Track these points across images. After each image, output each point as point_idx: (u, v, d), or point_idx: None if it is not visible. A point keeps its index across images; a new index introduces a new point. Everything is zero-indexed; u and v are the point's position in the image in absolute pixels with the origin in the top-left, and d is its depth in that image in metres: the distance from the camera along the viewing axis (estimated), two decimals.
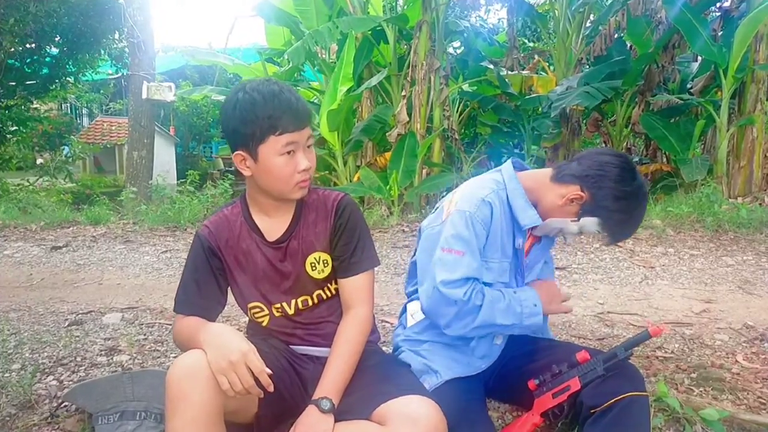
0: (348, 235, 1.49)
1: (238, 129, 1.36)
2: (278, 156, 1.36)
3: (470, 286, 1.50)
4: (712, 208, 4.49)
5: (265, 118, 1.33)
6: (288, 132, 1.34)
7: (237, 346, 1.23)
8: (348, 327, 1.48)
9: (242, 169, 1.42)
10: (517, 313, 1.54)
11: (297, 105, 1.37)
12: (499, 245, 1.59)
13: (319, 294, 1.53)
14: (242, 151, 1.38)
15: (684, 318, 2.76)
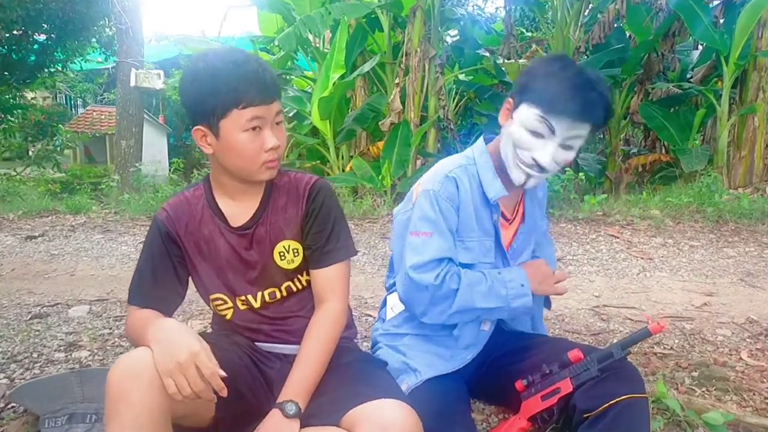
0: (321, 221, 1.37)
1: (197, 101, 1.23)
2: (242, 132, 1.23)
3: (442, 269, 1.39)
4: (713, 198, 4.35)
5: (227, 89, 1.20)
6: (253, 105, 1.21)
7: (186, 344, 1.10)
8: (319, 323, 1.35)
9: (203, 146, 1.29)
10: (501, 295, 1.42)
11: (264, 76, 1.24)
12: (476, 223, 1.46)
13: (288, 286, 1.41)
14: (202, 127, 1.26)
15: (684, 312, 2.62)
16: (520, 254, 1.57)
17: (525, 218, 1.56)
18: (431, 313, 1.43)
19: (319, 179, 1.42)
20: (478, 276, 1.43)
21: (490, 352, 1.57)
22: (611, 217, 4.22)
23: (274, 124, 1.27)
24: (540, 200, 1.64)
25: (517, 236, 1.56)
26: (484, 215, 1.48)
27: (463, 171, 1.47)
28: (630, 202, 4.54)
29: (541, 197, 1.65)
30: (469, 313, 1.44)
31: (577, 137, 1.35)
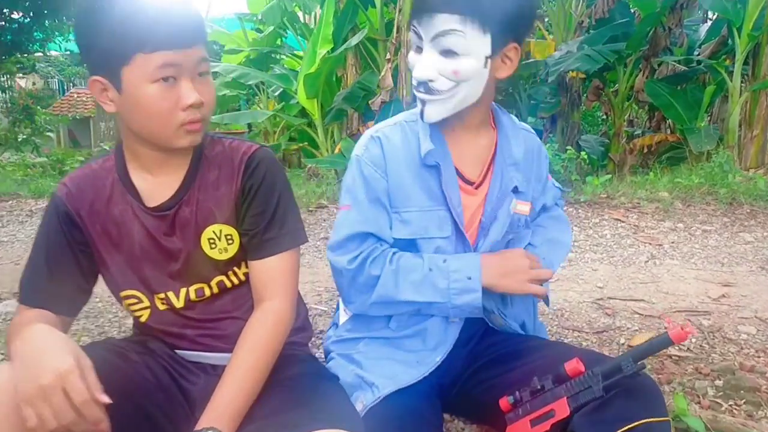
0: (261, 201, 1.12)
1: (92, 43, 0.98)
2: (149, 83, 0.98)
3: (362, 250, 1.18)
4: (726, 179, 4.02)
5: (128, 26, 0.94)
6: (164, 49, 0.96)
7: (53, 363, 0.85)
8: (255, 328, 1.10)
9: (103, 102, 1.03)
10: (440, 288, 1.16)
11: (180, 12, 0.98)
12: (419, 188, 1.20)
13: (220, 281, 1.16)
14: (100, 77, 0.99)
15: (700, 305, 2.30)
16: (491, 231, 1.24)
17: (492, 181, 1.24)
18: (356, 301, 1.22)
19: (261, 148, 1.15)
20: (415, 262, 1.18)
21: (473, 358, 1.27)
22: (616, 200, 3.90)
23: (195, 75, 1.01)
24: (524, 160, 1.27)
25: (486, 206, 1.24)
26: (428, 178, 1.20)
27: (398, 129, 1.23)
28: (636, 183, 4.21)
29: (522, 156, 1.26)
30: (395, 307, 1.20)
31: (447, 34, 1.08)
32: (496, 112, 1.28)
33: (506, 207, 1.23)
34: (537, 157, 1.33)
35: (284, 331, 1.12)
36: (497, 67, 1.14)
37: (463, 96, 1.13)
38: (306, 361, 1.24)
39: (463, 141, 1.23)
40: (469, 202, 1.23)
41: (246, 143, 1.16)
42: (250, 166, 1.11)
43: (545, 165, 1.37)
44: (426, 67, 1.11)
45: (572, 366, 1.07)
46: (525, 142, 1.29)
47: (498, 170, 1.24)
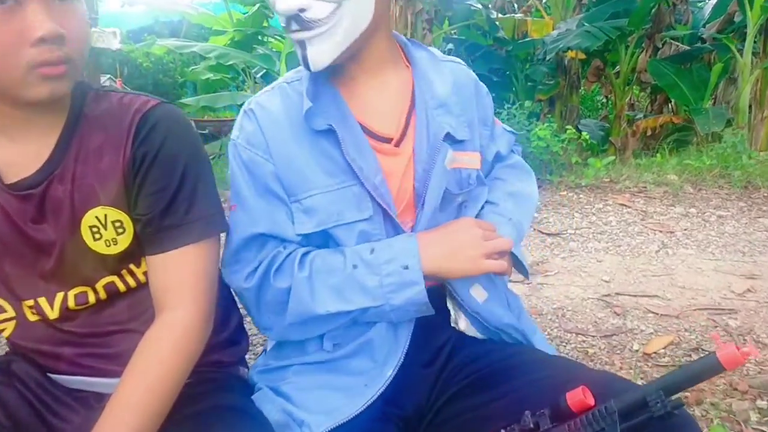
0: (159, 175, 0.85)
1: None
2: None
3: (258, 261, 0.90)
4: (740, 161, 3.69)
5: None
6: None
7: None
8: (151, 346, 0.84)
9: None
10: (370, 288, 0.86)
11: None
12: (311, 164, 0.89)
13: (109, 284, 0.90)
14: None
15: (723, 301, 1.99)
16: (427, 198, 0.92)
17: (417, 133, 0.93)
18: (272, 326, 0.92)
19: (161, 104, 0.87)
20: (333, 261, 0.88)
21: (444, 383, 0.96)
22: (620, 184, 3.57)
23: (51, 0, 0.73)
24: (455, 100, 0.97)
25: (416, 167, 0.92)
26: (327, 147, 0.90)
27: (276, 94, 0.95)
28: (641, 166, 3.89)
29: (451, 94, 0.97)
30: (322, 322, 0.89)
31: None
32: (407, 46, 0.99)
33: (441, 163, 0.92)
34: (475, 94, 1.03)
35: (193, 350, 0.85)
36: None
37: (351, 22, 0.83)
38: (225, 391, 0.96)
39: (366, 88, 0.93)
40: (392, 166, 0.92)
41: (142, 97, 0.87)
42: (144, 127, 0.84)
43: (488, 105, 1.07)
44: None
45: (577, 398, 0.76)
46: (453, 77, 0.99)
47: (421, 116, 0.93)
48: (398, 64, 0.97)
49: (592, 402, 0.75)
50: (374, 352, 0.91)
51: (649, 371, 1.50)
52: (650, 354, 1.60)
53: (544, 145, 3.59)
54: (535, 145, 3.61)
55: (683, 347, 1.63)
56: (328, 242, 0.91)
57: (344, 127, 0.88)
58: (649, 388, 0.72)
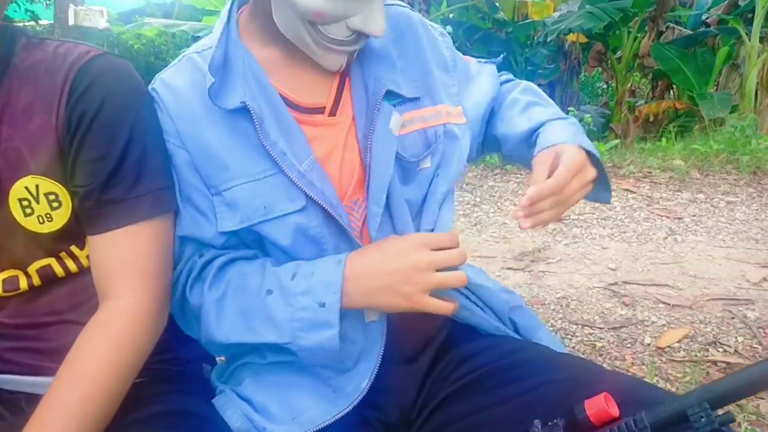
0: (100, 139, 0.73)
1: None
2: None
3: (178, 270, 0.79)
4: (748, 146, 3.56)
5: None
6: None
7: None
8: (93, 339, 0.73)
9: None
10: (278, 320, 0.71)
11: None
12: (230, 149, 0.75)
13: (44, 267, 0.79)
14: None
15: (738, 291, 1.86)
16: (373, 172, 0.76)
17: (354, 97, 0.79)
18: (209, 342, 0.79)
19: (103, 55, 0.75)
20: (250, 281, 0.75)
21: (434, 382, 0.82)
22: (624, 169, 3.44)
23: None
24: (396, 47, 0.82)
25: (359, 138, 0.77)
26: (246, 128, 0.74)
27: (184, 66, 0.79)
28: (646, 150, 3.75)
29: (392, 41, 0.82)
30: (240, 346, 0.78)
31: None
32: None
33: (383, 127, 0.76)
34: (424, 38, 0.85)
35: (142, 344, 0.74)
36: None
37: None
38: (186, 393, 0.84)
39: (282, 53, 0.78)
40: (330, 140, 0.77)
41: (80, 47, 0.74)
42: (81, 82, 0.71)
43: (445, 46, 0.88)
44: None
45: (599, 407, 0.62)
46: (392, 23, 0.82)
47: (356, 75, 0.78)
48: None
49: (617, 413, 0.61)
50: (352, 343, 0.76)
51: (664, 367, 1.37)
52: (664, 348, 1.47)
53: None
54: None
55: (699, 341, 1.51)
56: (263, 240, 0.77)
57: (262, 102, 0.74)
58: (690, 400, 0.58)
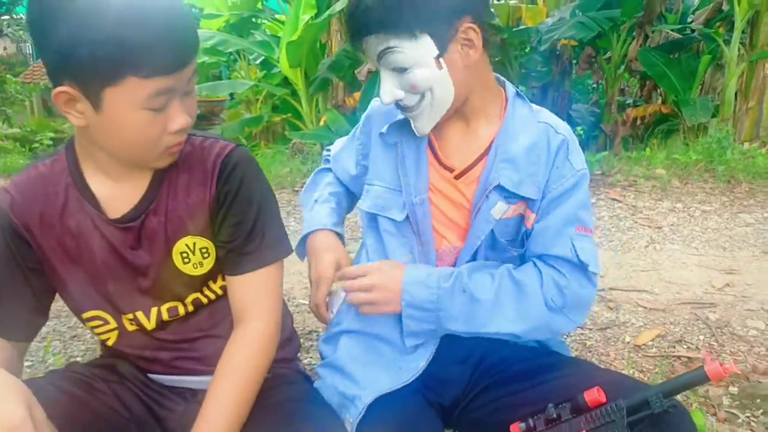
0: (239, 210, 0.99)
1: (67, 51, 0.76)
2: (139, 110, 0.82)
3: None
4: (724, 156, 3.91)
5: (122, 43, 0.75)
6: (161, 75, 0.80)
7: (1, 416, 0.74)
8: (237, 351, 0.98)
9: (69, 114, 0.84)
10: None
11: (180, 24, 0.81)
12: (381, 163, 1.15)
13: (196, 299, 1.05)
14: (71, 88, 0.80)
15: (705, 295, 2.21)
16: (471, 233, 1.08)
17: (480, 179, 1.07)
18: None
19: (237, 148, 1.01)
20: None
21: (477, 378, 1.13)
22: (611, 177, 3.78)
23: (184, 93, 0.87)
24: (526, 157, 1.06)
25: (474, 204, 1.08)
26: (390, 155, 1.14)
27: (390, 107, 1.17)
28: (632, 159, 4.10)
29: (524, 152, 1.06)
30: None
31: (383, 54, 0.99)
32: (511, 101, 1.11)
33: (486, 209, 1.06)
34: (552, 160, 1.08)
35: (269, 355, 1.01)
36: (459, 56, 1.00)
37: (437, 102, 1.02)
38: (293, 383, 1.13)
39: (452, 126, 1.11)
40: (450, 193, 1.10)
41: (220, 142, 1.02)
42: (225, 169, 0.98)
43: (561, 177, 1.07)
44: (386, 91, 1.03)
45: (592, 396, 0.95)
46: (538, 137, 1.07)
47: (490, 163, 1.07)
48: (491, 116, 1.11)
49: (605, 399, 0.94)
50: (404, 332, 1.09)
51: (639, 361, 1.72)
52: (640, 345, 1.82)
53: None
54: None
55: (668, 339, 1.85)
56: (376, 226, 1.16)
57: (411, 147, 1.10)
58: (651, 392, 0.92)
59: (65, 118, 0.89)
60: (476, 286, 1.05)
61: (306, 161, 4.31)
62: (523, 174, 1.05)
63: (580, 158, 1.10)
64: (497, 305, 1.04)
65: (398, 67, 0.99)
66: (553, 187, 1.06)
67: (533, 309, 1.05)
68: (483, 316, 1.05)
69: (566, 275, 1.05)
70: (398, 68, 1.00)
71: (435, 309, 1.05)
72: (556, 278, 1.05)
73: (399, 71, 1.00)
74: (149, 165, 0.93)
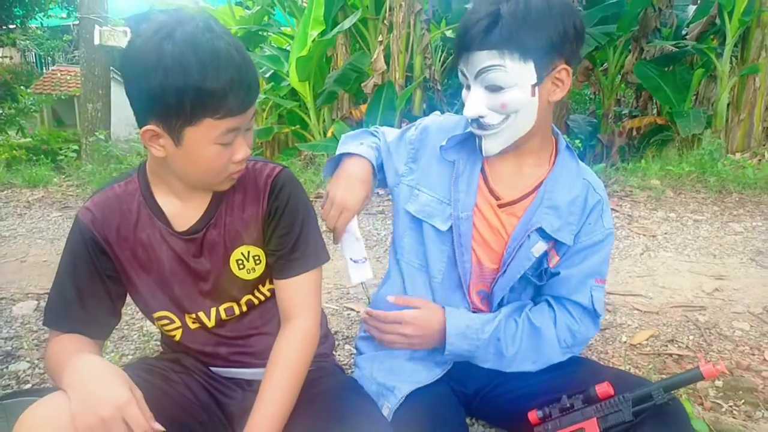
0: (287, 222, 1.15)
1: (156, 95, 0.93)
2: (212, 145, 0.99)
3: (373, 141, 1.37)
4: (715, 167, 4.12)
5: (203, 92, 0.92)
6: (232, 116, 0.97)
7: (111, 395, 0.89)
8: (286, 346, 1.14)
9: (152, 147, 1.01)
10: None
11: (247, 74, 0.97)
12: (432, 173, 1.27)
13: (248, 300, 1.20)
14: (157, 127, 0.97)
15: (695, 299, 2.40)
16: (510, 265, 1.21)
17: (525, 214, 1.21)
18: None
19: (284, 170, 1.18)
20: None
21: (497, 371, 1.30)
22: (609, 188, 3.98)
23: (246, 129, 1.04)
24: (567, 208, 1.20)
25: (512, 236, 1.21)
26: (450, 170, 1.25)
27: (458, 119, 1.31)
28: (627, 170, 4.30)
29: (566, 204, 1.20)
30: None
31: (488, 70, 1.09)
32: (562, 152, 1.24)
33: (527, 247, 1.19)
34: (589, 211, 1.23)
35: (312, 349, 1.16)
36: (548, 91, 1.12)
37: (517, 127, 1.13)
38: (334, 375, 1.30)
39: (504, 160, 1.22)
40: (491, 219, 1.23)
41: (269, 165, 1.18)
42: (275, 188, 1.14)
43: (591, 232, 1.22)
44: (474, 104, 1.12)
45: (603, 389, 1.12)
46: (580, 192, 1.22)
47: (533, 206, 1.21)
48: (542, 159, 1.23)
49: (613, 392, 1.11)
50: None
51: (635, 358, 1.91)
52: (636, 344, 2.00)
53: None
54: None
55: (661, 339, 2.04)
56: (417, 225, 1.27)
57: (466, 168, 1.23)
58: (653, 387, 1.10)
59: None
60: (505, 337, 1.21)
61: (318, 172, 4.50)
62: (563, 222, 1.19)
63: (610, 218, 1.25)
64: (520, 352, 1.22)
65: (495, 85, 1.09)
66: (583, 238, 1.21)
67: (549, 350, 1.23)
68: (508, 361, 1.23)
69: (578, 320, 1.23)
70: (494, 86, 1.09)
71: (471, 356, 1.24)
72: (569, 323, 1.23)
73: (493, 89, 1.09)
74: (214, 188, 1.11)
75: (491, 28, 1.06)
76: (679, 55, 6.73)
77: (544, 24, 1.06)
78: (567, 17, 1.08)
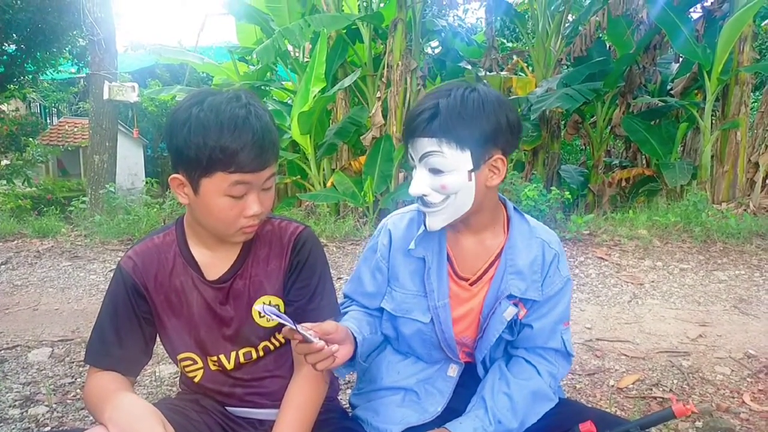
0: (306, 276, 1.25)
1: (181, 149, 1.09)
2: (222, 196, 1.11)
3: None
4: (700, 217, 4.29)
5: (216, 148, 1.06)
6: (242, 172, 1.09)
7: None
8: (300, 389, 1.22)
9: (179, 195, 1.16)
10: None
11: (262, 139, 1.10)
12: (404, 272, 1.36)
13: (265, 345, 1.29)
14: (182, 176, 1.13)
15: (680, 345, 2.52)
16: (486, 331, 1.32)
17: (491, 285, 1.31)
18: None
19: (305, 229, 1.30)
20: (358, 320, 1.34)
21: None
22: (598, 237, 4.13)
23: (261, 189, 1.15)
24: (530, 270, 1.30)
25: (484, 307, 1.32)
26: (420, 267, 1.34)
27: (408, 218, 1.39)
28: (616, 220, 4.47)
29: (528, 266, 1.30)
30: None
31: (429, 155, 1.19)
32: (513, 219, 1.34)
33: (499, 313, 1.30)
34: (548, 267, 1.33)
35: (322, 394, 1.26)
36: (485, 177, 1.21)
37: (456, 206, 1.23)
38: (340, 418, 1.39)
39: (465, 240, 1.33)
40: (465, 298, 1.33)
41: (293, 224, 1.31)
42: (297, 245, 1.25)
43: (553, 283, 1.33)
44: (418, 184, 1.22)
45: (586, 428, 1.20)
46: (537, 252, 1.32)
47: (498, 275, 1.30)
48: (497, 230, 1.32)
49: (595, 430, 1.20)
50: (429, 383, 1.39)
51: (621, 401, 2.01)
52: (622, 388, 2.11)
53: (532, 204, 4.16)
54: (525, 204, 4.18)
55: (647, 383, 2.15)
56: (395, 322, 1.36)
57: (434, 260, 1.34)
58: (631, 424, 1.20)
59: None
60: (504, 416, 1.27)
61: (319, 222, 4.66)
62: (528, 282, 1.30)
63: (566, 267, 1.36)
64: (524, 417, 1.30)
65: (436, 169, 1.19)
66: (546, 290, 1.32)
67: (544, 400, 1.33)
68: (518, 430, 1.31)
69: (555, 363, 1.35)
70: (435, 169, 1.19)
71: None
72: (549, 369, 1.35)
73: (435, 172, 1.19)
74: (228, 240, 1.21)
75: (432, 119, 1.17)
76: (664, 109, 7.04)
77: (478, 118, 1.16)
78: (500, 112, 1.18)
